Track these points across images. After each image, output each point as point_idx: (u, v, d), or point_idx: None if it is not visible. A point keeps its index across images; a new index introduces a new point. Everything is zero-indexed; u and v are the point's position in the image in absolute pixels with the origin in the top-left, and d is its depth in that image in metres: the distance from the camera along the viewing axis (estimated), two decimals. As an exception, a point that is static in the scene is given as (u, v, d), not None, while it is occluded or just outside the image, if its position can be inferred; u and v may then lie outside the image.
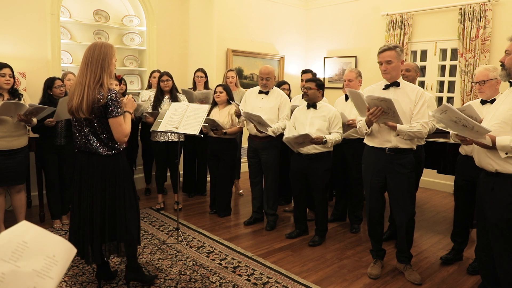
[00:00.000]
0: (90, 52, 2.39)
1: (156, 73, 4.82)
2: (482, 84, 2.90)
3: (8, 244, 0.80)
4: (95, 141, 2.43)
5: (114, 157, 2.49)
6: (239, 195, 5.15)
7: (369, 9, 6.35)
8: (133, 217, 2.58)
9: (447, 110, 2.11)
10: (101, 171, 2.46)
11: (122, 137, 2.42)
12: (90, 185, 2.47)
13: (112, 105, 2.36)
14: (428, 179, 5.56)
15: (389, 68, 2.78)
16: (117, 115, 2.38)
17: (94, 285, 2.73)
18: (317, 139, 3.27)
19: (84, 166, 2.48)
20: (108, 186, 2.48)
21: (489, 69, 2.88)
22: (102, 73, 2.37)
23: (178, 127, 3.17)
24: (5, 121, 3.27)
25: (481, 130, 2.03)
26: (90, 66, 2.36)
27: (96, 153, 2.44)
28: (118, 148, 2.51)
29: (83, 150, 2.47)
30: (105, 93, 2.35)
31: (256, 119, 3.60)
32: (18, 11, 4.22)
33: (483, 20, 5.00)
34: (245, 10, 6.41)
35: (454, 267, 3.20)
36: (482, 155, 2.26)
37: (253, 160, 4.03)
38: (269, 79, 3.85)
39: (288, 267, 3.13)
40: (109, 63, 2.40)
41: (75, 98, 2.35)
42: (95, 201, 2.46)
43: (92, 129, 2.42)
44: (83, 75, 2.37)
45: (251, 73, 6.62)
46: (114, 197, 2.49)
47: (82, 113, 2.35)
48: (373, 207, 3.01)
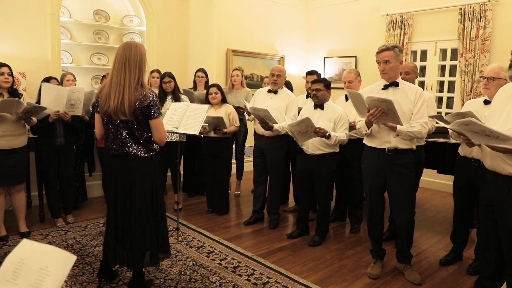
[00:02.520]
0: (126, 52, 2.31)
1: (155, 73, 4.82)
2: (491, 80, 2.78)
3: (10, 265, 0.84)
4: (133, 144, 2.36)
5: (151, 159, 2.44)
6: (235, 196, 5.14)
7: (369, 9, 6.35)
8: (164, 221, 2.55)
9: (470, 123, 2.05)
10: (140, 173, 2.39)
11: (163, 137, 2.40)
12: (128, 189, 2.39)
13: (155, 106, 2.32)
14: (428, 179, 5.56)
15: (387, 68, 2.78)
16: (159, 116, 2.36)
17: (94, 285, 2.73)
18: (320, 129, 3.25)
19: (120, 170, 2.41)
20: (147, 188, 2.42)
21: (502, 68, 2.77)
22: (141, 74, 2.32)
23: (178, 127, 3.17)
24: (4, 120, 3.27)
25: (506, 138, 1.99)
26: (128, 66, 2.28)
27: (135, 156, 2.37)
28: (155, 150, 2.46)
29: (119, 154, 2.39)
30: (148, 94, 2.30)
31: (262, 114, 3.59)
32: (18, 11, 4.22)
33: (483, 20, 5.00)
34: (245, 10, 6.41)
35: (454, 267, 3.20)
36: (496, 158, 2.23)
37: (258, 160, 4.03)
38: (280, 76, 3.85)
39: (288, 267, 3.13)
40: (145, 63, 2.36)
41: (112, 99, 2.25)
42: (133, 206, 2.40)
43: (130, 131, 2.35)
44: (120, 75, 2.28)
45: (251, 73, 6.62)
46: (152, 200, 2.44)
47: (122, 115, 2.26)
48: (373, 207, 3.01)
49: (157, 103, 2.36)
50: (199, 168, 5.03)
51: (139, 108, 2.28)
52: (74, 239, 3.53)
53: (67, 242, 3.46)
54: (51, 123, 3.59)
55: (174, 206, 4.50)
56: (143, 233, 2.42)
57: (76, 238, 3.57)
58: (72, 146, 3.92)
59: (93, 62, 5.07)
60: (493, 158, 2.25)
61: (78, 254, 3.22)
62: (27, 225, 3.65)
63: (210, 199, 4.45)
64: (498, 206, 2.28)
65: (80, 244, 3.43)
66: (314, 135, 3.30)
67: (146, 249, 2.44)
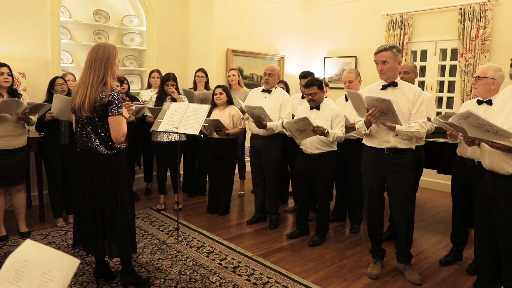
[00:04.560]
0: (94, 53, 2.43)
1: (155, 73, 4.83)
2: (477, 80, 2.81)
3: (12, 265, 0.82)
4: (96, 139, 2.46)
5: (113, 157, 2.51)
6: (239, 196, 5.14)
7: (369, 9, 6.35)
8: (124, 220, 2.56)
9: (469, 116, 2.06)
10: (100, 169, 2.48)
11: (120, 136, 2.44)
12: (91, 183, 2.50)
13: (113, 104, 2.39)
14: (428, 179, 5.56)
15: (385, 68, 2.78)
16: (117, 114, 2.41)
17: (94, 285, 2.73)
18: (318, 128, 3.26)
19: (85, 165, 2.52)
20: (107, 184, 2.50)
21: (491, 68, 2.76)
22: (106, 73, 2.40)
23: (178, 127, 3.17)
24: (4, 120, 3.27)
25: (505, 134, 2.00)
26: (94, 66, 2.40)
27: (96, 152, 2.47)
28: (118, 148, 2.52)
29: (84, 148, 2.50)
30: (108, 92, 2.38)
31: (257, 112, 3.60)
32: (18, 11, 4.22)
33: (483, 20, 5.00)
34: (245, 10, 6.41)
35: (454, 267, 3.20)
36: (495, 157, 2.23)
37: (254, 160, 4.04)
38: (272, 75, 3.87)
39: (288, 267, 3.13)
40: (112, 63, 2.43)
41: (78, 98, 2.39)
42: (96, 199, 2.50)
43: (93, 128, 2.45)
44: (86, 75, 2.41)
45: (251, 73, 6.62)
46: (111, 196, 2.51)
47: (84, 112, 2.38)
48: (372, 207, 3.01)
49: (118, 101, 2.41)
50: (199, 168, 5.04)
51: (99, 106, 2.38)
52: (74, 239, 3.53)
53: (67, 242, 3.46)
54: (56, 123, 3.59)
55: (174, 206, 4.50)
56: (98, 226, 2.52)
57: (76, 238, 3.57)
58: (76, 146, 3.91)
59: (93, 62, 5.06)
60: (492, 157, 2.26)
61: (78, 254, 3.22)
62: (27, 225, 3.65)
63: (212, 200, 4.45)
64: (496, 206, 2.29)
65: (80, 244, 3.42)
66: (312, 133, 3.31)
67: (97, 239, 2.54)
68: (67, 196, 3.92)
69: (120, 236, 2.55)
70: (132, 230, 2.62)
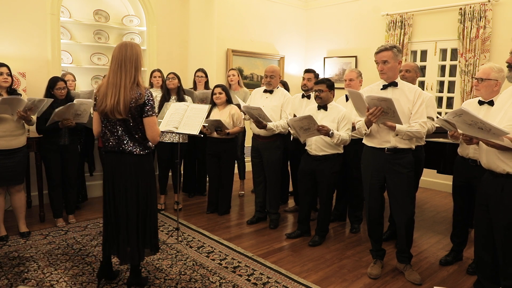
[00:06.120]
0: (122, 53, 2.37)
1: (156, 73, 4.82)
2: (480, 81, 2.78)
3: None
4: (129, 141, 2.44)
5: (146, 156, 2.51)
6: (239, 196, 5.14)
7: (369, 9, 6.35)
8: (152, 219, 2.60)
9: (462, 113, 2.09)
10: (134, 170, 2.46)
11: (156, 136, 2.45)
12: (124, 185, 2.47)
13: (149, 104, 2.39)
14: (428, 179, 5.56)
15: (385, 68, 2.78)
16: (153, 114, 2.42)
17: (94, 285, 2.73)
18: (322, 127, 3.23)
19: (116, 167, 2.48)
20: (141, 184, 2.49)
21: (493, 69, 2.74)
22: (136, 74, 2.39)
23: (178, 127, 3.17)
24: (4, 120, 3.27)
25: (498, 132, 2.01)
26: (124, 66, 2.36)
27: (130, 153, 2.44)
28: (150, 147, 2.53)
29: (115, 150, 2.46)
30: (143, 92, 2.37)
31: (256, 112, 3.60)
32: (18, 11, 4.22)
33: (483, 20, 5.00)
34: (245, 10, 6.41)
35: (454, 267, 3.20)
36: (492, 156, 2.25)
37: (255, 160, 4.05)
38: (273, 77, 3.87)
39: (288, 267, 3.13)
40: (141, 63, 2.43)
41: (109, 99, 2.34)
42: (129, 201, 2.48)
43: (126, 129, 2.42)
44: (116, 75, 2.35)
45: (251, 73, 6.62)
46: (144, 195, 2.52)
47: (118, 114, 2.34)
48: (372, 207, 3.01)
49: (152, 102, 2.42)
50: (199, 168, 5.04)
51: (135, 107, 2.36)
52: (74, 239, 3.53)
53: (67, 242, 3.46)
54: (56, 123, 3.59)
55: (174, 206, 4.50)
56: (131, 229, 2.50)
57: (76, 238, 3.57)
58: (76, 146, 3.91)
59: (93, 62, 5.07)
60: (489, 156, 2.27)
61: (78, 254, 3.22)
62: (27, 225, 3.64)
63: (211, 200, 4.44)
64: (492, 204, 2.30)
65: (80, 244, 3.43)
66: (317, 132, 3.28)
67: (130, 244, 2.52)
68: (67, 196, 3.92)
69: (147, 237, 2.56)
70: (157, 230, 2.67)
